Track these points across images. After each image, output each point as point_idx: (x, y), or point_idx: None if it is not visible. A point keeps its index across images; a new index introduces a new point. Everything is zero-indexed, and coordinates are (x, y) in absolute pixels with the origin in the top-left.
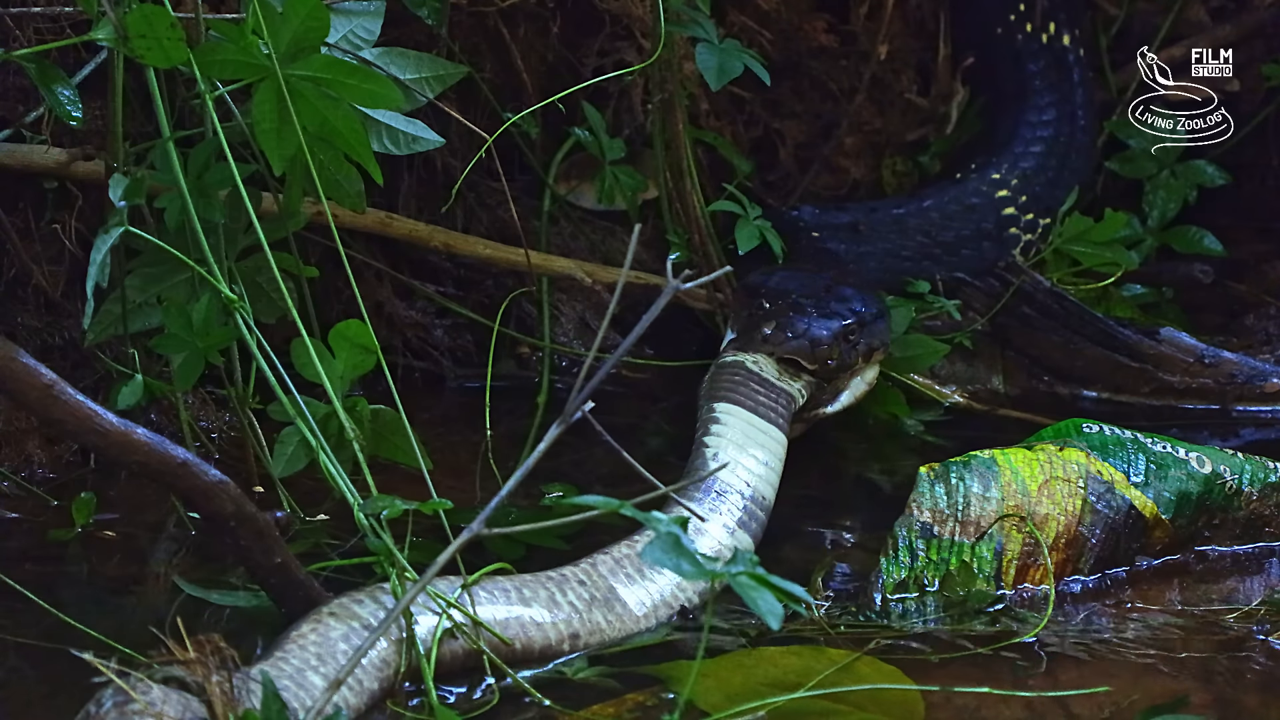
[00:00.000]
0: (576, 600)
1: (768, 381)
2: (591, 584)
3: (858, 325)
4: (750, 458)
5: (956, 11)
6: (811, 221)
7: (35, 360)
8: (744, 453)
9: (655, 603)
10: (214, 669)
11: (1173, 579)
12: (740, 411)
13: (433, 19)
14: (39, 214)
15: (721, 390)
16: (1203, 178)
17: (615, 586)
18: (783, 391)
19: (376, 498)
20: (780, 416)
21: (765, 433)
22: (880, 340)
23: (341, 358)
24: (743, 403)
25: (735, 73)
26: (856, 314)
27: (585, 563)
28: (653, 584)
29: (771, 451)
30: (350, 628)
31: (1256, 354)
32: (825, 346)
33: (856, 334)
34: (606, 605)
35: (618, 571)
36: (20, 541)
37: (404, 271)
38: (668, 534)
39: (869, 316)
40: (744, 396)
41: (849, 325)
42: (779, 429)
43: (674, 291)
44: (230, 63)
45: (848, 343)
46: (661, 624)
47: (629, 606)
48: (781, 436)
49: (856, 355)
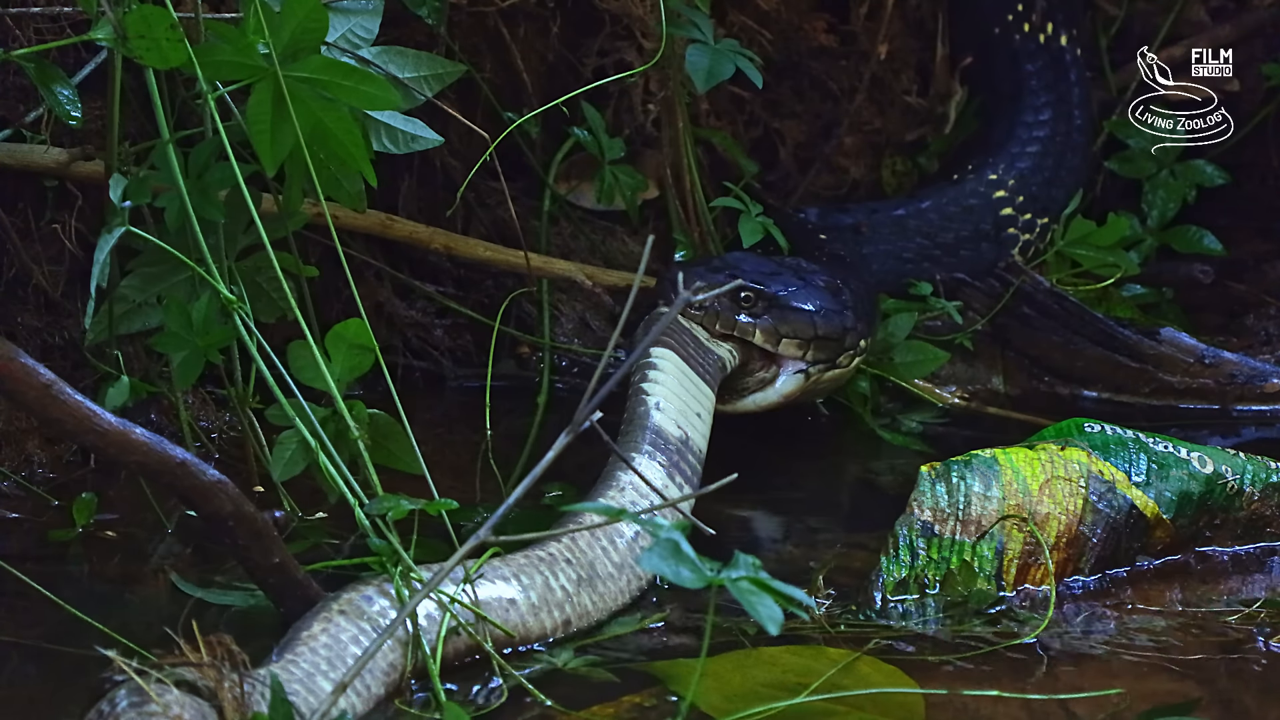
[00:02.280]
0: (568, 584)
1: (698, 340)
2: (577, 561)
3: (758, 297)
4: (692, 412)
5: (955, 11)
6: (817, 223)
7: (35, 360)
8: (683, 403)
9: (628, 576)
10: (226, 672)
11: (1174, 579)
12: (675, 359)
13: (432, 18)
14: (39, 214)
15: (659, 338)
16: (1202, 178)
17: (595, 560)
18: (711, 352)
19: (382, 498)
20: (709, 375)
21: (697, 385)
22: (795, 332)
23: (339, 359)
24: (677, 350)
25: (725, 75)
26: (768, 291)
27: (567, 536)
28: (619, 552)
29: (704, 406)
30: (360, 628)
31: (1256, 354)
32: (726, 313)
33: (754, 304)
34: (590, 585)
35: (594, 545)
36: (20, 541)
37: (404, 271)
38: (667, 540)
39: (789, 301)
40: (678, 345)
41: (748, 294)
42: (709, 386)
43: (685, 303)
44: (228, 63)
45: (740, 307)
46: (634, 595)
47: (608, 584)
48: (711, 394)
49: (753, 329)
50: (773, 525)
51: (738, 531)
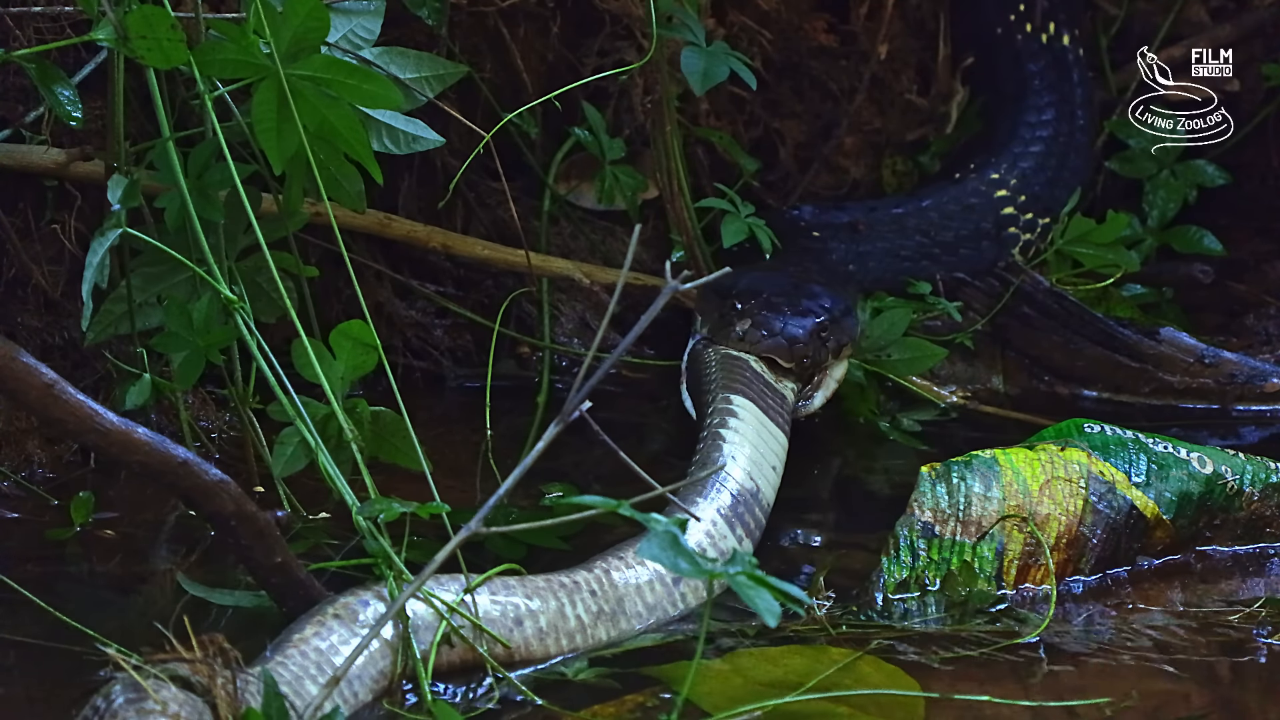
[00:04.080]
0: (584, 614)
1: (769, 383)
2: (602, 595)
3: (830, 322)
4: (766, 463)
5: (956, 11)
6: (811, 221)
7: (35, 360)
8: (759, 453)
9: (657, 617)
10: (219, 669)
11: (1174, 579)
12: (753, 408)
13: (433, 19)
14: (39, 214)
15: (737, 383)
16: (1203, 178)
17: (624, 598)
18: (780, 394)
19: (374, 500)
20: (784, 420)
21: (774, 435)
22: (849, 336)
23: (342, 358)
24: (756, 401)
25: (720, 77)
26: (827, 310)
27: (599, 568)
28: (654, 595)
29: (779, 456)
30: (353, 633)
31: (1256, 354)
32: (801, 345)
33: (829, 330)
34: (612, 620)
35: (629, 579)
36: (20, 541)
37: (404, 271)
38: (665, 532)
39: (839, 313)
40: (756, 395)
41: (822, 322)
42: (784, 431)
43: (673, 292)
44: (230, 62)
45: (820, 340)
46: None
47: (631, 620)
48: (785, 440)
49: (827, 352)
50: (773, 525)
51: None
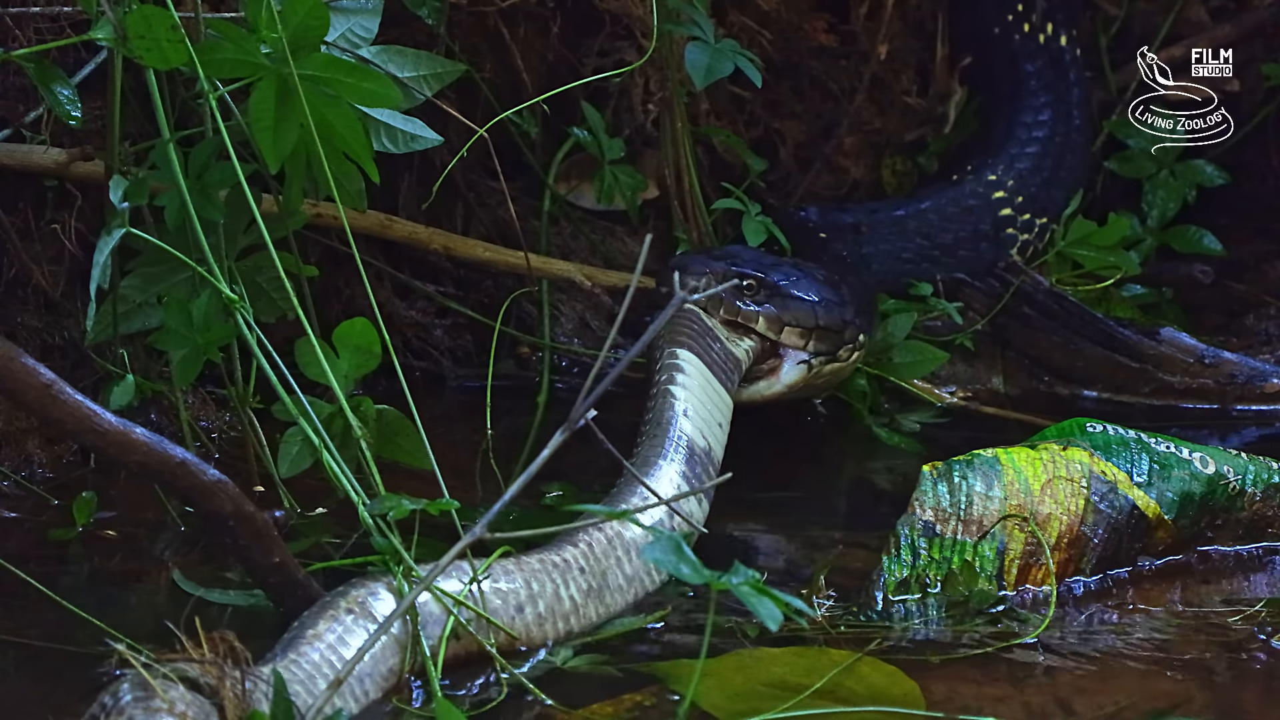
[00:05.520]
0: (576, 594)
1: (720, 340)
2: (590, 571)
3: (760, 285)
4: (715, 422)
5: (954, 11)
6: (818, 222)
7: (35, 360)
8: (708, 412)
9: (636, 588)
10: (228, 669)
11: (1175, 579)
12: (699, 363)
13: (432, 18)
14: (39, 214)
15: (683, 336)
16: (1202, 178)
17: (607, 570)
18: (731, 354)
19: (383, 497)
20: (729, 379)
21: (719, 393)
22: (797, 321)
23: (346, 357)
24: (701, 354)
25: (723, 73)
26: (770, 280)
27: (584, 542)
28: (633, 566)
29: (725, 415)
30: (366, 629)
31: (1256, 354)
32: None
33: (756, 292)
34: (599, 597)
35: (610, 554)
36: (20, 541)
37: (404, 271)
38: (669, 539)
39: (790, 290)
40: (702, 349)
41: (750, 282)
42: (729, 392)
43: (682, 302)
44: (230, 61)
45: (744, 295)
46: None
47: (614, 594)
48: (730, 401)
49: (756, 316)
50: (773, 525)
51: (738, 532)
